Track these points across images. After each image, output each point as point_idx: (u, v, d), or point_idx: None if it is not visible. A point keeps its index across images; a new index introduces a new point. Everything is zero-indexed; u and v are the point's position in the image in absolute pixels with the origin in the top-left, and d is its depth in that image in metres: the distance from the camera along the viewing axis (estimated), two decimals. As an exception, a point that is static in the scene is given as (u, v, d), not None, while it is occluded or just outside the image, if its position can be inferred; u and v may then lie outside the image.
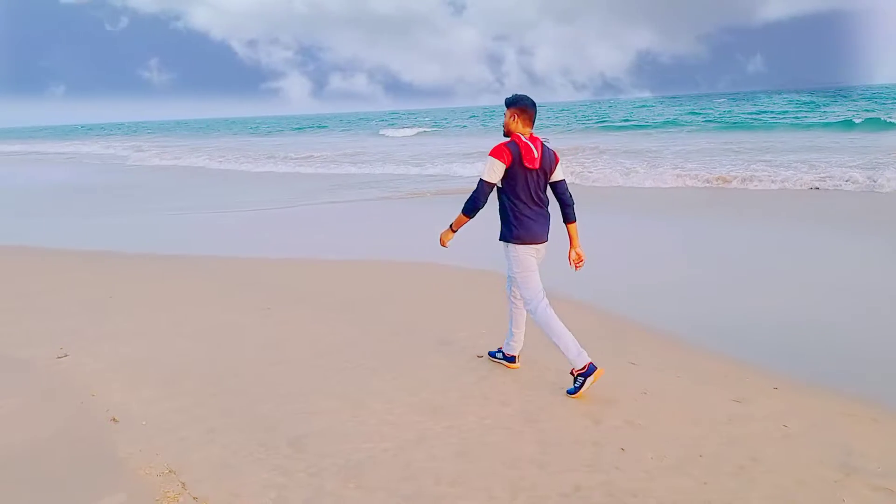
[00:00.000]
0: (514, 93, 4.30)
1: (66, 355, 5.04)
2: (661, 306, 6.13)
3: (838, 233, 9.57)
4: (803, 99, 55.41)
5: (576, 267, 4.52)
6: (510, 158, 4.08)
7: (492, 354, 4.76)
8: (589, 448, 3.45)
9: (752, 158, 18.00)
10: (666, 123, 37.23)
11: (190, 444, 3.59)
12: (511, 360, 4.63)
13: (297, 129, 69.10)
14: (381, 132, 50.99)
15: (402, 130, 49.89)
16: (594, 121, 45.90)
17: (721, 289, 6.63)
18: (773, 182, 14.10)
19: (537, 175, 4.18)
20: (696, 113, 44.33)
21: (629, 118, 45.47)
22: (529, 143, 4.13)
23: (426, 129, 50.23)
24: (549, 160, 4.23)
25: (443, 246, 4.46)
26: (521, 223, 4.20)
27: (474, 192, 4.16)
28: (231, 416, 3.93)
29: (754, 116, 37.28)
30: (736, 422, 3.74)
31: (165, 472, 3.29)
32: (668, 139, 28.02)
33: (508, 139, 4.19)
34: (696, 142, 25.32)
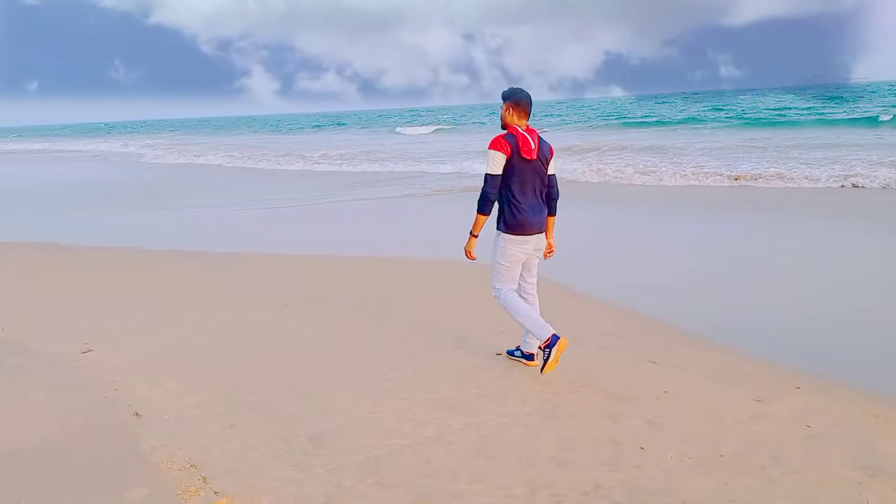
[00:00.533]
0: (510, 86, 4.40)
1: (90, 350, 5.11)
2: (682, 304, 6.09)
3: (864, 230, 9.43)
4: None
5: (545, 256, 4.63)
6: (509, 150, 4.18)
7: (510, 353, 4.76)
8: (608, 447, 3.43)
9: (779, 155, 17.78)
10: (688, 120, 37.06)
11: (211, 438, 3.62)
12: (529, 357, 4.62)
13: (316, 126, 69.54)
14: (397, 129, 51.03)
15: (418, 128, 49.84)
16: (614, 117, 45.84)
17: (743, 286, 6.56)
18: (795, 179, 13.90)
19: (535, 166, 4.28)
20: (720, 108, 44.10)
21: (650, 114, 45.31)
22: (526, 134, 4.23)
23: (444, 127, 50.19)
24: (546, 152, 4.34)
25: (471, 258, 4.46)
26: (517, 215, 4.28)
27: (483, 188, 4.24)
28: (251, 411, 3.96)
29: (779, 113, 36.96)
30: (757, 421, 3.70)
31: (187, 467, 3.33)
32: (690, 135, 27.78)
33: (506, 132, 4.28)
34: (719, 138, 25.09)
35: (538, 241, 4.44)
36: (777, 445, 3.41)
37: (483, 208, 4.28)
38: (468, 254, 4.44)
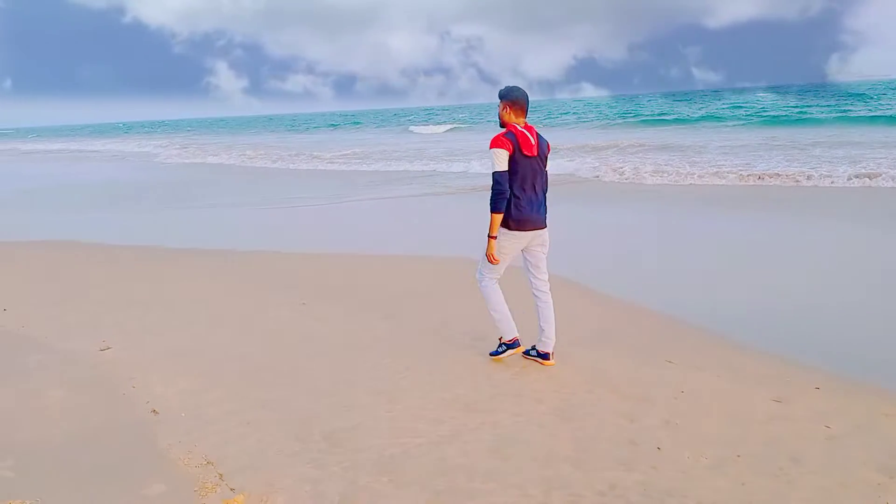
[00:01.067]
0: (507, 85, 4.46)
1: (108, 348, 5.16)
2: (700, 303, 6.04)
3: (886, 230, 9.31)
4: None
5: None
6: (511, 147, 4.24)
7: (526, 352, 4.74)
8: (625, 447, 3.41)
9: (799, 154, 17.59)
10: (706, 118, 36.90)
11: (227, 436, 3.64)
12: (545, 356, 4.61)
13: (332, 125, 69.81)
14: (411, 129, 50.99)
15: (432, 127, 49.72)
16: (629, 116, 45.81)
17: (763, 286, 6.50)
18: (813, 178, 13.73)
19: (535, 162, 4.35)
20: (739, 106, 43.91)
21: (666, 112, 45.17)
22: (526, 132, 4.30)
23: (458, 126, 50.10)
24: (544, 147, 4.42)
25: (495, 262, 4.45)
26: (514, 210, 4.32)
27: (494, 186, 4.26)
28: (267, 409, 3.98)
29: (800, 110, 36.72)
30: (776, 422, 3.66)
31: (203, 464, 3.35)
32: (708, 134, 27.57)
33: (505, 130, 4.34)
34: (738, 137, 24.87)
35: (535, 236, 4.47)
36: (796, 446, 3.38)
37: (498, 206, 4.28)
38: (491, 258, 4.43)
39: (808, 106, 39.59)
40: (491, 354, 4.75)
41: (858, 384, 4.20)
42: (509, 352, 4.66)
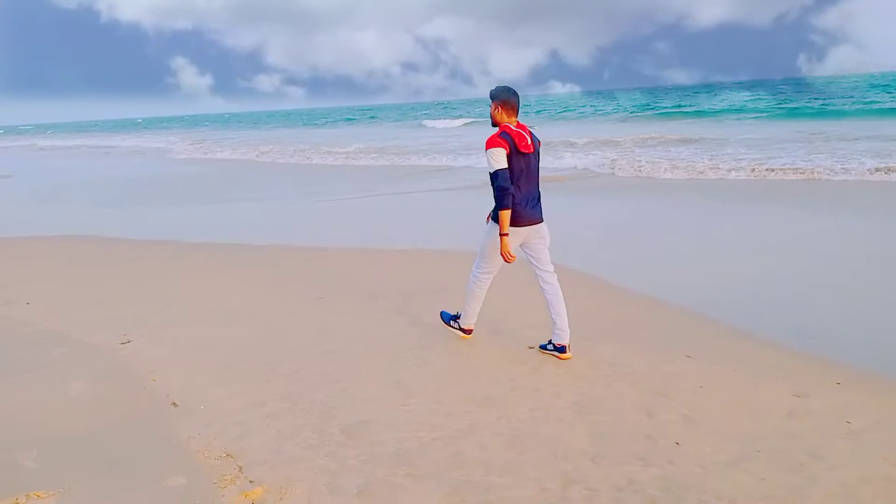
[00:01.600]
0: (497, 85, 4.50)
1: (129, 341, 5.22)
2: (719, 297, 5.98)
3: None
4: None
5: None
6: (508, 146, 4.29)
7: (542, 347, 4.73)
8: (643, 441, 3.40)
9: (823, 146, 17.35)
10: (724, 111, 36.58)
11: (246, 428, 3.67)
12: (562, 349, 4.59)
13: (349, 119, 69.99)
14: (424, 123, 50.85)
15: (446, 121, 49.46)
16: (646, 108, 45.63)
17: (783, 280, 6.43)
18: (837, 172, 13.53)
19: (531, 159, 4.40)
20: (764, 99, 43.56)
21: (684, 104, 44.95)
22: (520, 130, 4.35)
23: (474, 120, 49.87)
24: (537, 144, 4.49)
25: (511, 260, 4.44)
26: (515, 207, 4.35)
27: (497, 185, 4.29)
28: (285, 402, 4.01)
29: (822, 103, 36.39)
30: (796, 417, 3.63)
31: (223, 456, 3.38)
32: (729, 127, 27.30)
33: (499, 130, 4.39)
34: (762, 129, 24.58)
35: (532, 231, 4.51)
36: (816, 442, 3.34)
37: (505, 203, 4.29)
38: (507, 257, 4.42)
39: (828, 98, 39.30)
40: (442, 315, 5.17)
41: (880, 379, 4.15)
42: (459, 332, 5.00)
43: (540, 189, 4.55)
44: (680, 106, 44.25)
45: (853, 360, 4.45)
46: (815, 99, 40.67)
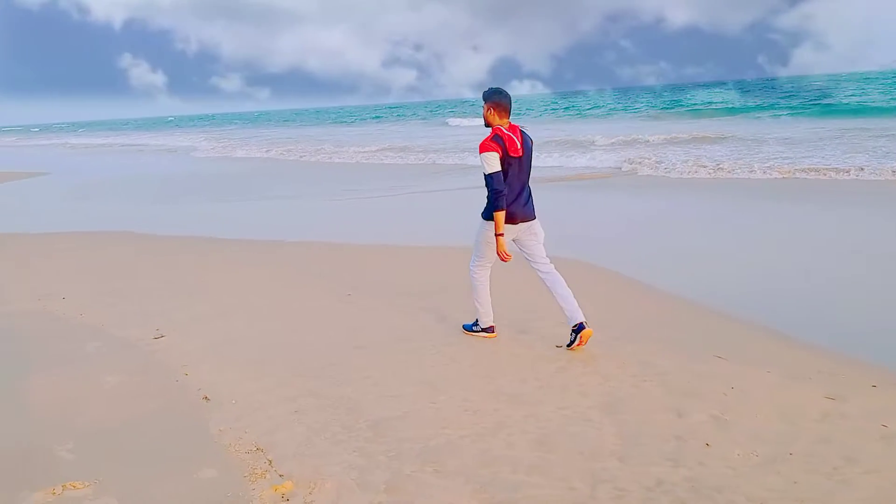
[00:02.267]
0: (490, 87, 4.63)
1: (162, 336, 5.31)
2: (751, 298, 5.90)
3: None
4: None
5: None
6: (500, 150, 4.43)
7: (568, 345, 4.69)
8: (672, 442, 3.37)
9: (859, 145, 16.98)
10: (753, 108, 36.06)
11: (276, 423, 3.72)
12: (581, 327, 4.59)
13: (375, 117, 70.27)
14: (447, 121, 50.70)
15: (468, 119, 49.04)
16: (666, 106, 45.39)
17: (816, 280, 6.33)
18: (875, 171, 13.22)
19: (521, 161, 4.53)
20: (796, 94, 42.94)
21: (711, 102, 44.53)
22: (511, 134, 4.49)
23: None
24: (529, 145, 4.60)
25: (506, 259, 4.62)
26: (507, 206, 4.50)
27: (490, 187, 4.48)
28: (315, 397, 4.04)
29: (861, 100, 35.69)
30: (830, 420, 3.57)
31: (253, 450, 3.43)
32: (762, 126, 26.88)
33: (492, 133, 4.51)
34: (795, 128, 24.14)
35: (525, 228, 4.66)
36: (851, 445, 3.28)
37: (498, 204, 4.47)
38: (503, 256, 4.58)
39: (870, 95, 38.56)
40: (464, 327, 5.16)
41: (918, 383, 4.06)
42: (483, 333, 5.00)
43: (529, 188, 4.69)
44: (688, 104, 44.02)
45: (889, 362, 4.36)
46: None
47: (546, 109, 53.87)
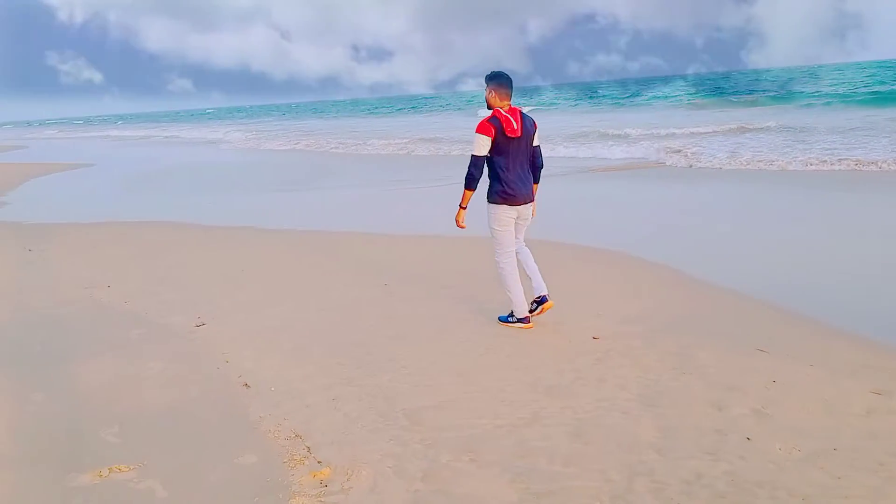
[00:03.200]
0: (492, 70, 4.83)
1: (203, 324, 5.41)
2: (795, 289, 5.76)
3: None
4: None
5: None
6: (493, 131, 4.65)
7: (530, 310, 5.04)
8: (711, 435, 3.32)
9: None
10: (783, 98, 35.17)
11: (315, 410, 3.77)
12: (543, 300, 5.02)
13: (413, 107, 70.37)
14: (479, 112, 50.42)
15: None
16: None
17: (864, 273, 6.15)
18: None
19: (519, 142, 4.74)
20: (850, 82, 41.68)
21: (757, 89, 43.55)
22: (509, 115, 4.68)
23: (534, 107, 49.15)
24: (530, 127, 4.79)
25: (460, 226, 5.01)
26: (504, 187, 4.77)
27: (469, 167, 4.75)
28: (353, 385, 4.08)
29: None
30: (876, 415, 3.48)
31: (292, 437, 3.48)
32: (814, 114, 26.20)
33: (490, 114, 4.73)
34: (847, 117, 23.48)
35: (524, 210, 4.91)
36: (898, 442, 3.20)
37: (469, 185, 4.81)
38: (458, 223, 5.02)
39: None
40: (500, 318, 5.16)
41: (970, 378, 3.93)
42: (518, 324, 5.01)
43: (540, 170, 5.00)
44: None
45: (940, 358, 4.23)
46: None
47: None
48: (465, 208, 4.99)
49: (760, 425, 3.40)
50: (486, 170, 4.82)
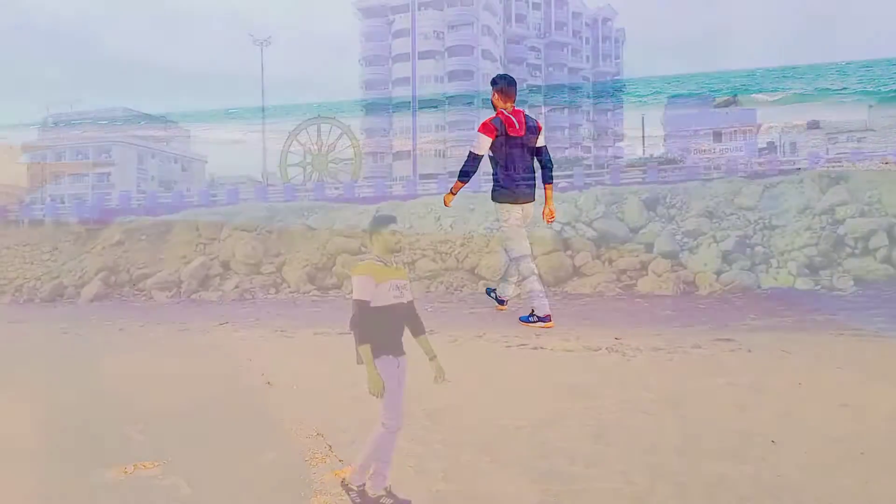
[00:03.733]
0: (498, 73, 5.07)
1: (226, 322, 5.46)
2: (823, 293, 5.69)
3: None
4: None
5: (548, 221, 5.18)
6: (495, 131, 4.84)
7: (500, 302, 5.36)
8: (735, 437, 3.28)
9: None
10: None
11: (336, 410, 3.78)
12: (501, 302, 5.35)
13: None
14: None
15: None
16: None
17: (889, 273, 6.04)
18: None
19: (521, 142, 4.91)
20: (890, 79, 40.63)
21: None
22: (511, 116, 4.87)
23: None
24: (533, 128, 4.97)
25: (446, 205, 5.27)
26: (507, 186, 4.93)
27: (465, 161, 4.93)
28: (374, 385, 4.08)
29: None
30: (905, 419, 3.41)
31: (313, 435, 3.49)
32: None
33: (494, 114, 4.93)
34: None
35: (527, 209, 5.05)
36: (928, 446, 3.13)
37: (462, 178, 4.99)
38: (445, 202, 5.23)
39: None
40: (521, 318, 5.24)
41: None
42: (540, 323, 5.09)
43: (531, 170, 5.09)
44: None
45: (972, 361, 4.14)
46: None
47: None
48: (454, 194, 5.19)
49: (785, 428, 3.36)
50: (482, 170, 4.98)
